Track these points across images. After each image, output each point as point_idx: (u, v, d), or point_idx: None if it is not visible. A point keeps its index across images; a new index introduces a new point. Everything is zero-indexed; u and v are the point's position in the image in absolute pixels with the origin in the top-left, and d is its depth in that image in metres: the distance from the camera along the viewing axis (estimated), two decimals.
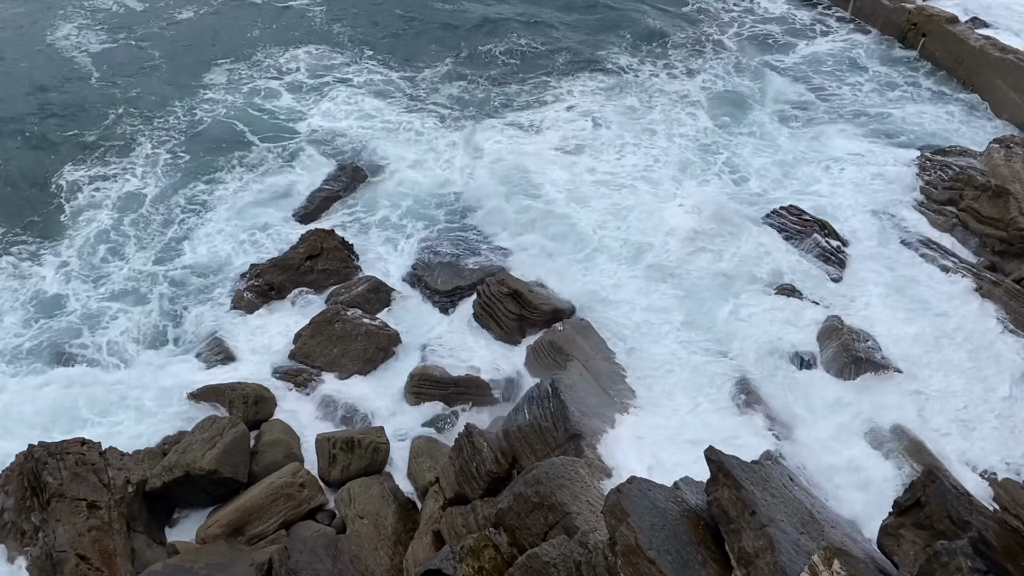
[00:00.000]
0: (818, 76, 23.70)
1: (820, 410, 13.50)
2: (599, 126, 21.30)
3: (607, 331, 14.90)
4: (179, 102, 23.00)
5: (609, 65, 24.28)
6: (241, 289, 16.40)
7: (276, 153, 20.83)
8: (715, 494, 7.53)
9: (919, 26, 24.65)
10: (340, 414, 14.01)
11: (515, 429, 11.37)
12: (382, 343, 14.98)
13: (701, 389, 13.79)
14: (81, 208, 19.02)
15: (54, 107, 22.78)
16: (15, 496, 11.44)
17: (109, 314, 16.26)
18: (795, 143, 20.70)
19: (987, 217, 16.33)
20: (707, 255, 16.63)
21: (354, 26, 27.07)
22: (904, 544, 7.37)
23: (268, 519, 11.81)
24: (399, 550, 11.49)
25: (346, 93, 23.45)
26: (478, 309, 15.27)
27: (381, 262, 17.45)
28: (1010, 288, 15.17)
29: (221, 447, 12.26)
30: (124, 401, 14.20)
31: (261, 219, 18.66)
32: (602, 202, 18.39)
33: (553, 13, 27.50)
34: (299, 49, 25.65)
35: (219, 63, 24.91)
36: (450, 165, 20.19)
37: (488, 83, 23.91)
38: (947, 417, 13.30)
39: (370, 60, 25.24)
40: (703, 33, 26.06)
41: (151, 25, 27.19)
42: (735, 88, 23.13)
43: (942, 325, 14.97)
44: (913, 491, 7.64)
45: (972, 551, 6.34)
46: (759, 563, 6.87)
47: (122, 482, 11.86)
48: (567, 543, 8.25)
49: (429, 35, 26.45)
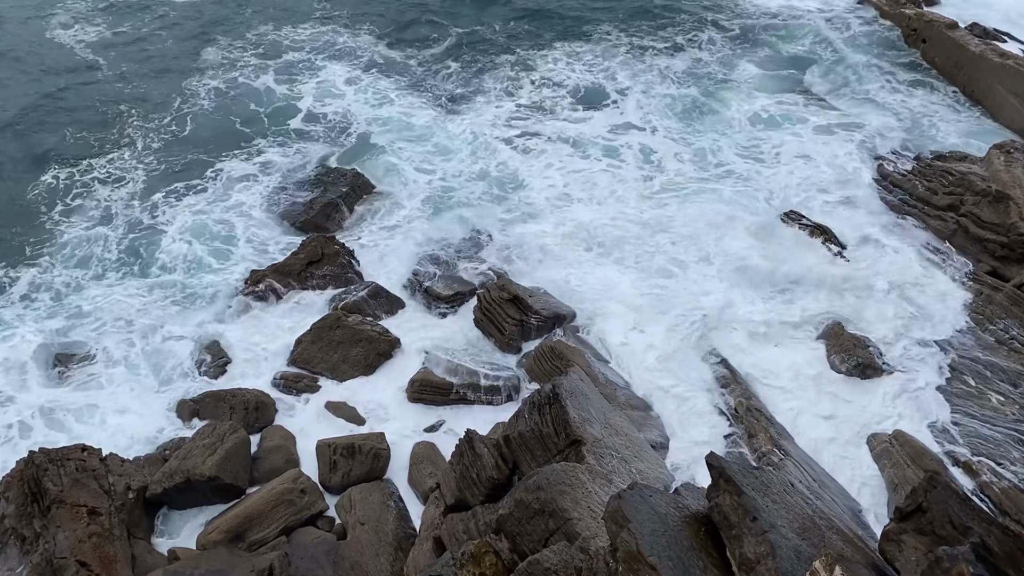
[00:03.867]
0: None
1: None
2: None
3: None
4: (173, 92, 23.10)
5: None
6: (242, 294, 16.40)
7: (273, 149, 20.88)
8: (716, 500, 7.51)
9: (919, 31, 24.70)
10: (341, 420, 13.99)
11: (516, 435, 11.34)
12: (383, 348, 14.97)
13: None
14: (64, 212, 19.04)
15: (52, 96, 22.85)
16: (16, 502, 11.41)
17: (102, 316, 16.30)
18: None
19: (987, 222, 16.32)
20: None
21: (353, 8, 27.27)
22: (906, 550, 7.34)
23: (269, 525, 11.79)
24: (400, 556, 11.46)
25: (346, 84, 23.61)
26: (479, 314, 15.27)
27: (382, 267, 17.46)
28: (1011, 293, 15.16)
29: (222, 453, 12.26)
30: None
31: (256, 217, 18.74)
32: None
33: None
34: (295, 32, 25.87)
35: (213, 47, 25.08)
36: (452, 165, 20.25)
37: (491, 69, 24.10)
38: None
39: (369, 42, 25.41)
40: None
41: (147, 11, 27.33)
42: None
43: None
44: (915, 497, 7.61)
45: (974, 557, 6.32)
46: (760, 569, 6.85)
47: (123, 488, 11.85)
48: (568, 549, 8.23)
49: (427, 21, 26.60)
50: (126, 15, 27.30)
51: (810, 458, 12.76)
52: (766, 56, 24.91)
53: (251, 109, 22.36)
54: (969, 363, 14.30)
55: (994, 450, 12.49)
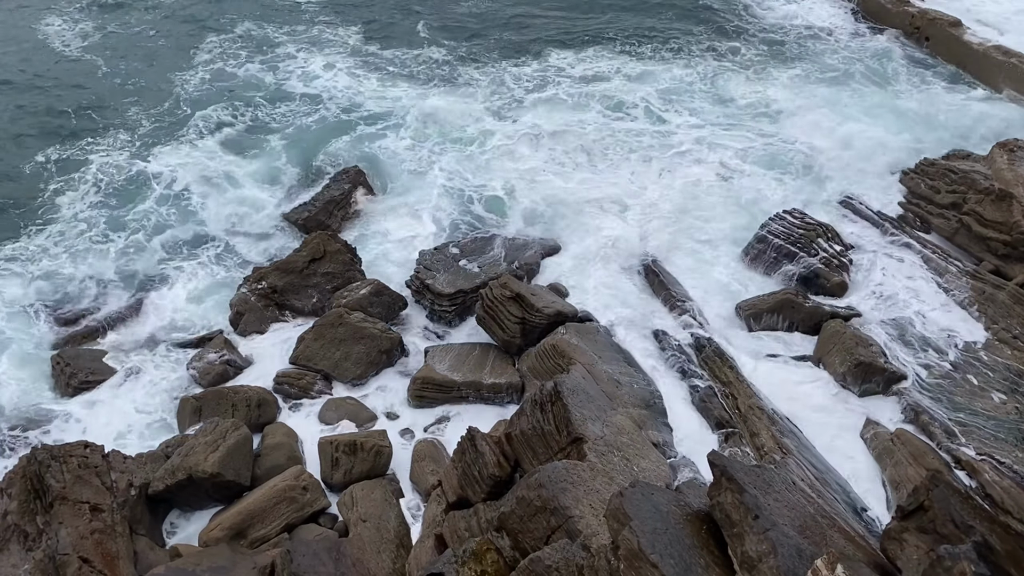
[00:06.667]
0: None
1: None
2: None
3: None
4: (166, 87, 23.18)
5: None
6: (243, 291, 16.41)
7: (273, 147, 20.91)
8: (718, 498, 7.51)
9: (922, 29, 24.66)
10: (343, 417, 14.01)
11: (517, 432, 11.34)
12: (384, 346, 14.98)
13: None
14: (63, 201, 19.08)
15: (44, 93, 22.92)
16: (18, 499, 11.43)
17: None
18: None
19: (990, 221, 16.29)
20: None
21: (353, 8, 27.35)
22: (907, 549, 7.33)
23: (271, 522, 11.80)
24: (401, 553, 11.48)
25: (350, 79, 23.68)
26: (481, 312, 15.27)
27: (384, 265, 17.49)
28: (1013, 292, 15.14)
29: (224, 450, 12.27)
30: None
31: (256, 215, 18.79)
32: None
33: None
34: (290, 30, 25.94)
35: (206, 45, 25.13)
36: (454, 167, 20.26)
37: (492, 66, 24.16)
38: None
39: (369, 38, 25.49)
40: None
41: (138, 10, 27.45)
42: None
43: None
44: (916, 495, 7.60)
45: (976, 555, 6.31)
46: (762, 567, 6.86)
47: (125, 485, 11.87)
48: (569, 547, 8.23)
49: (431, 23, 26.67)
50: (116, 10, 27.44)
51: (813, 456, 12.76)
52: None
53: (249, 106, 22.37)
54: (971, 361, 14.30)
55: (996, 449, 12.49)
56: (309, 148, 20.89)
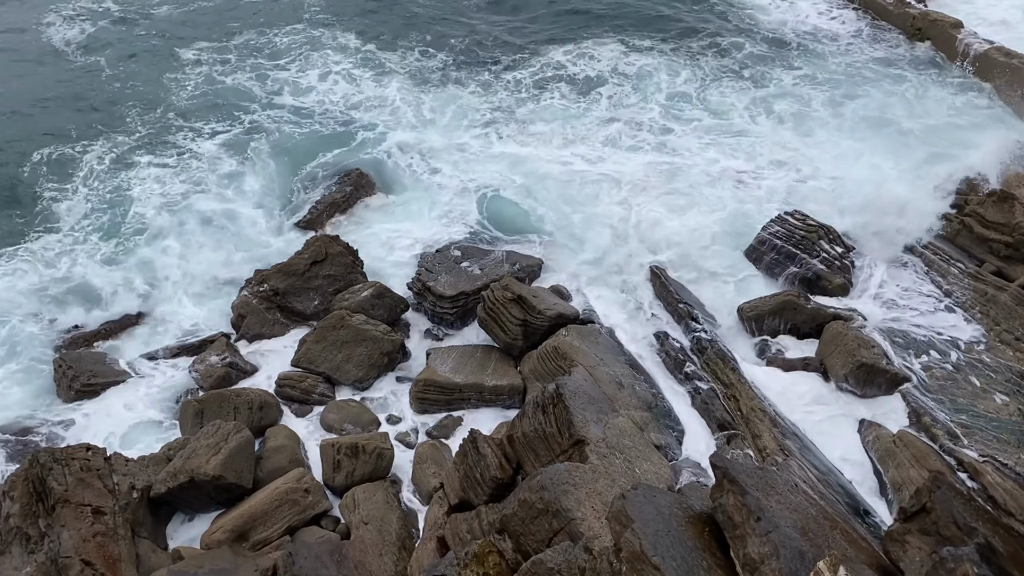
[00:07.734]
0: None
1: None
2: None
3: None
4: (164, 92, 23.25)
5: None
6: (245, 294, 16.42)
7: (273, 146, 20.94)
8: (720, 500, 7.52)
9: (923, 30, 24.66)
10: (344, 420, 14.01)
11: (519, 434, 11.35)
12: (386, 348, 14.98)
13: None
14: (62, 208, 19.10)
15: (39, 96, 22.97)
16: (20, 501, 11.43)
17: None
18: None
19: (992, 222, 16.28)
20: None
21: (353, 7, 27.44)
22: (910, 550, 7.33)
23: (272, 525, 11.81)
24: (403, 556, 11.49)
25: (344, 80, 23.68)
26: (483, 314, 15.26)
27: (386, 267, 17.48)
28: (1015, 293, 15.13)
29: (226, 452, 12.27)
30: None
31: (257, 216, 18.81)
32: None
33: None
34: (289, 32, 26.03)
35: (203, 52, 25.22)
36: (456, 168, 20.27)
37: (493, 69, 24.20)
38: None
39: (369, 39, 25.51)
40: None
41: (131, 12, 27.58)
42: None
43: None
44: (919, 497, 7.60)
45: (978, 557, 6.32)
46: (764, 569, 6.86)
47: (127, 488, 11.88)
48: (571, 549, 8.24)
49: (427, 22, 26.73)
50: (114, 17, 27.55)
51: (815, 457, 12.75)
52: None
53: (248, 111, 22.40)
54: (974, 363, 14.28)
55: (999, 450, 12.47)
56: (310, 151, 20.90)
